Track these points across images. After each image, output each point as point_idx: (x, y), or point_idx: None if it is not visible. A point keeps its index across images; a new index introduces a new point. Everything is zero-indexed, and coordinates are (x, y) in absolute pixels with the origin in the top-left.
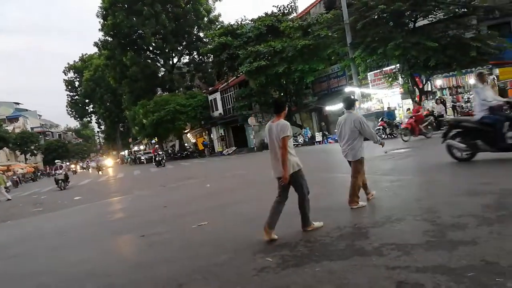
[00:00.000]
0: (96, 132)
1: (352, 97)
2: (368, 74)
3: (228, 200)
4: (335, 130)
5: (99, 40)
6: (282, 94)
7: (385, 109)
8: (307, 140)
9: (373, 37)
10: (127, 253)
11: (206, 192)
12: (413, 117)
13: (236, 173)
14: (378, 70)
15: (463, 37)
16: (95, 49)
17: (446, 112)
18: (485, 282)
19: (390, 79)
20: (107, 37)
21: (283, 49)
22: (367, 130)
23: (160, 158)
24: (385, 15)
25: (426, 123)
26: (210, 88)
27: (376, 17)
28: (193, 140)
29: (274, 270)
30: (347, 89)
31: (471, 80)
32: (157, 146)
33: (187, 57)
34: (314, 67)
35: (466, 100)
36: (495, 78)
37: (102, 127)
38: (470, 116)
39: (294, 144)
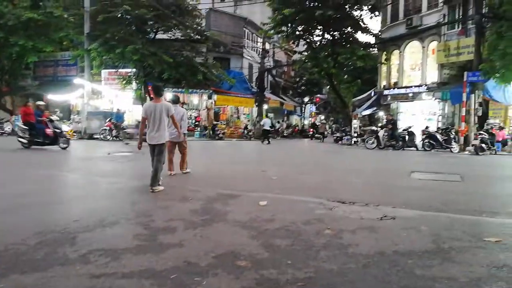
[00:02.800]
0: None
1: (177, 95)
2: (103, 71)
3: None
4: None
5: None
6: None
7: (115, 110)
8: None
9: (114, 35)
10: None
11: None
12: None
13: None
14: (114, 70)
15: (194, 60)
16: None
17: None
18: (185, 282)
19: (124, 82)
20: None
21: (3, 15)
22: (186, 122)
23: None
24: (129, 17)
25: None
26: None
27: (119, 15)
28: None
29: None
30: (77, 81)
31: (195, 99)
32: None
33: None
34: (40, 47)
35: (189, 116)
36: (213, 102)
37: None
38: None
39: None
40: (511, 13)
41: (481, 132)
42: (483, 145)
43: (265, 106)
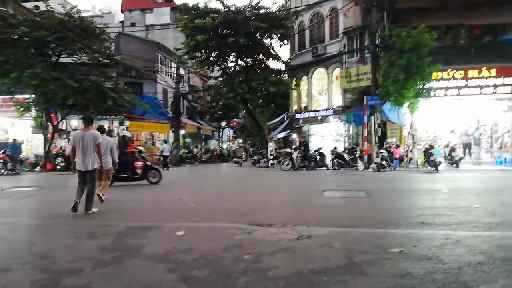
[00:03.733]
0: None
1: (103, 125)
2: None
3: None
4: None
5: None
6: None
7: (10, 140)
8: None
9: (9, 58)
10: None
11: None
12: None
13: None
14: (9, 96)
15: (103, 85)
16: None
17: None
18: None
19: (22, 109)
20: None
21: None
22: (116, 151)
23: None
24: (27, 39)
25: None
26: None
27: (16, 37)
28: None
29: None
30: None
31: (105, 126)
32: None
33: None
34: None
35: None
36: (126, 128)
37: None
38: None
39: None
40: (399, 45)
41: (381, 150)
42: (384, 162)
43: (182, 132)
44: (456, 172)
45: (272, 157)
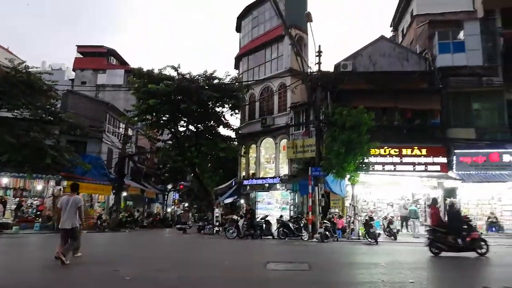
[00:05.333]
0: None
1: (77, 184)
2: None
3: None
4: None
5: None
6: None
7: None
8: None
9: None
10: None
11: None
12: None
13: None
14: None
15: (43, 142)
16: None
17: (4, 214)
18: None
19: None
20: None
21: None
22: (83, 211)
23: None
24: None
25: None
26: None
27: None
28: None
29: None
30: None
31: (40, 185)
32: None
33: None
34: None
35: (29, 204)
36: (62, 188)
37: None
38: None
39: None
40: (341, 122)
41: (325, 221)
42: (327, 233)
43: (124, 194)
44: (394, 245)
45: (218, 223)
